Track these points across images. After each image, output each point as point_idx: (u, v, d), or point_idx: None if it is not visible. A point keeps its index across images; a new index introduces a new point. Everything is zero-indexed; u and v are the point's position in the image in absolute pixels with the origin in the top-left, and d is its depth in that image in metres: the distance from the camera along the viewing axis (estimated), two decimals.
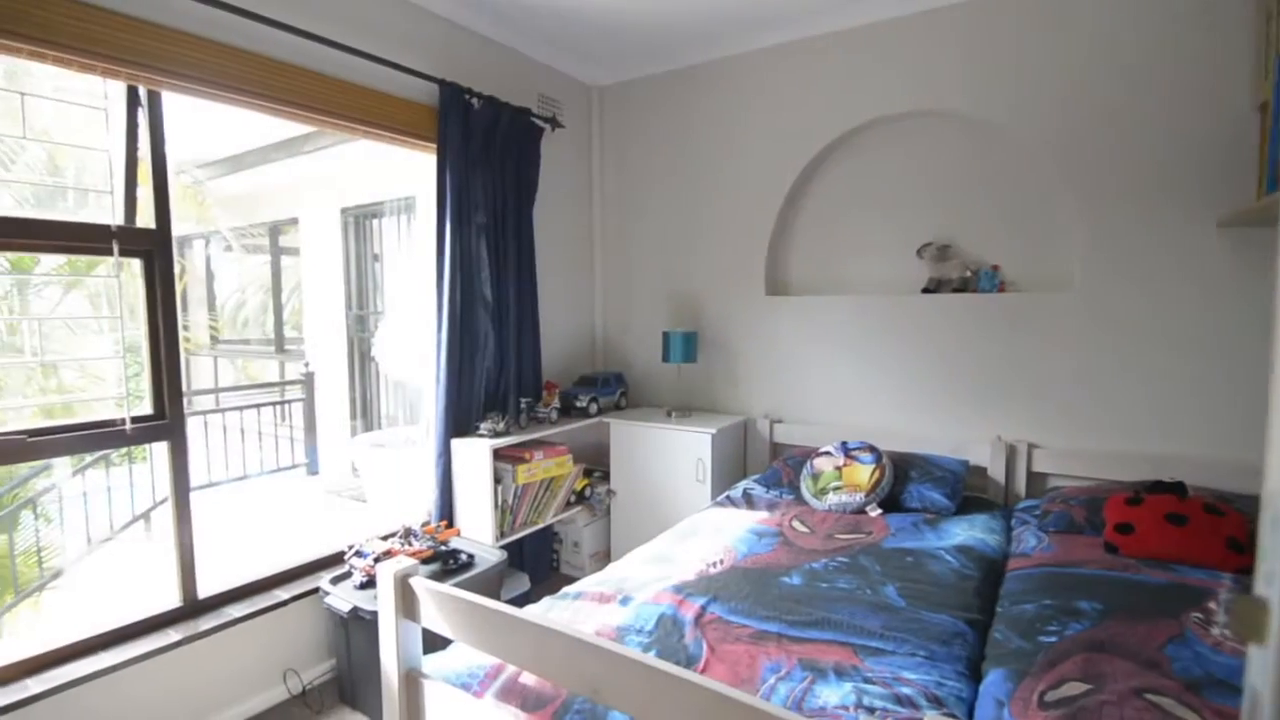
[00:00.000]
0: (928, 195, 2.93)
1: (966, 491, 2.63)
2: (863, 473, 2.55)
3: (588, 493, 3.30)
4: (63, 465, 4.08)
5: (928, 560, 2.07)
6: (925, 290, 2.89)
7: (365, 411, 5.10)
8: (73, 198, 4.08)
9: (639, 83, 3.65)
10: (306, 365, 5.49)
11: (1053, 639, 1.56)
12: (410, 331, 4.11)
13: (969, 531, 2.28)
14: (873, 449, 2.64)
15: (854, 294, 3.11)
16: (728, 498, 2.74)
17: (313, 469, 5.44)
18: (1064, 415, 2.63)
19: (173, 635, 2.12)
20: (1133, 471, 2.45)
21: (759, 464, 3.26)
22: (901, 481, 2.60)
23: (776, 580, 1.94)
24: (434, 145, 2.80)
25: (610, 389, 3.47)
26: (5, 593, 3.89)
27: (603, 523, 3.45)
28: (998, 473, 2.72)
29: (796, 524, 2.42)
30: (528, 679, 1.44)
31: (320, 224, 5.32)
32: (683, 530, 2.40)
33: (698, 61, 3.41)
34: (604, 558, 3.45)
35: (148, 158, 2.12)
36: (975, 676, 1.53)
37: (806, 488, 2.64)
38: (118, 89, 2.08)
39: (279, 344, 6.49)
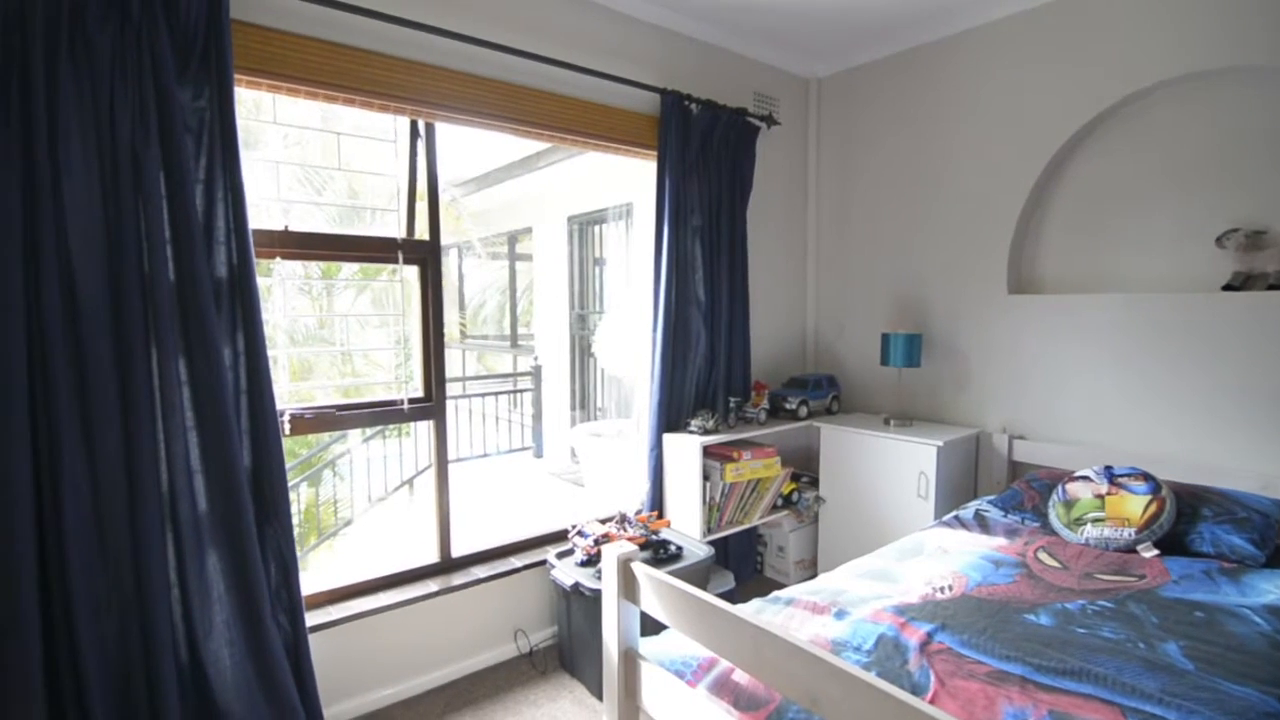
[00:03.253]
0: (1232, 171, 2.39)
1: None
2: (1133, 504, 2.16)
3: (795, 497, 3.22)
4: (354, 435, 4.99)
5: (1225, 619, 1.69)
6: (1228, 287, 2.35)
7: (584, 403, 5.51)
8: (367, 216, 4.97)
9: (860, 70, 3.46)
10: (535, 359, 6.08)
11: None
12: (627, 330, 4.35)
13: None
14: (1148, 477, 2.22)
15: (1126, 291, 2.64)
16: (956, 518, 2.49)
17: (538, 452, 6.02)
18: None
19: (431, 586, 2.47)
20: None
21: (992, 483, 2.92)
22: (1188, 520, 2.15)
23: (1019, 617, 1.72)
24: (654, 152, 2.92)
25: (822, 392, 3.34)
26: (311, 534, 4.86)
27: (809, 530, 3.34)
28: None
29: (1043, 556, 2.12)
30: (740, 677, 1.44)
31: (550, 232, 5.86)
32: (904, 548, 2.23)
33: (928, 40, 3.14)
34: (809, 565, 3.34)
35: (423, 180, 2.50)
36: None
37: (1056, 516, 2.30)
38: (403, 123, 2.47)
39: (513, 339, 7.28)
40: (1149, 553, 2.09)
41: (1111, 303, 2.62)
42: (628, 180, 4.41)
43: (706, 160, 3.02)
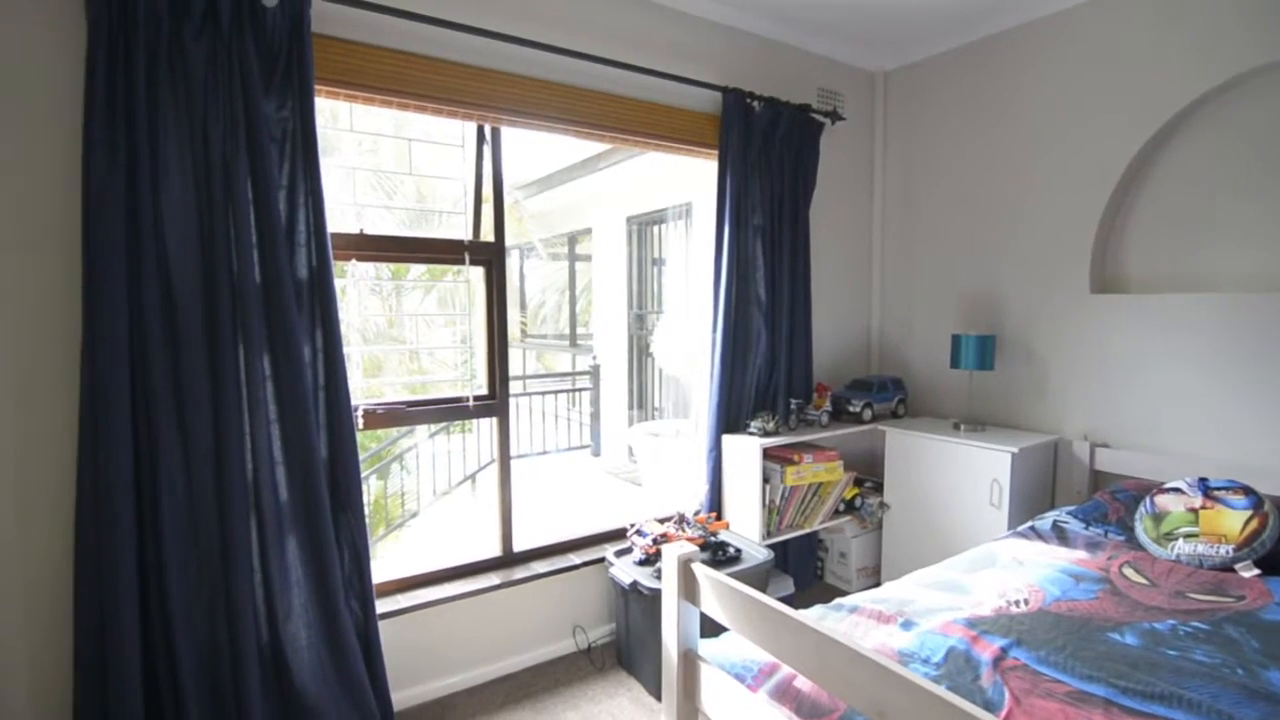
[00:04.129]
0: None
1: None
2: (1231, 520, 2.00)
3: (858, 503, 3.14)
4: (420, 430, 5.16)
5: None
6: None
7: (642, 402, 5.53)
8: (435, 219, 5.14)
9: (929, 63, 3.34)
10: (594, 358, 6.14)
11: None
12: (685, 330, 4.34)
13: None
14: (1248, 491, 2.05)
15: (1224, 291, 2.45)
16: (1032, 528, 2.37)
17: (595, 451, 6.08)
18: None
19: (493, 579, 2.53)
20: None
21: (1072, 493, 2.77)
22: None
23: (1102, 635, 1.62)
24: (715, 152, 2.90)
25: (887, 395, 3.24)
26: (380, 525, 5.05)
27: (873, 536, 3.25)
28: None
29: (1129, 572, 1.99)
30: (803, 684, 1.41)
31: (609, 232, 5.90)
32: (975, 558, 2.14)
33: (1000, 29, 3.00)
34: (872, 573, 3.25)
35: (489, 183, 2.56)
36: None
37: (1144, 530, 2.16)
38: (470, 128, 2.53)
39: (572, 339, 7.38)
40: (1249, 572, 1.94)
41: (1206, 303, 2.44)
42: (687, 180, 4.40)
43: (769, 158, 2.98)
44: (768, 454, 2.84)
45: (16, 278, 1.70)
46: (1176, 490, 2.18)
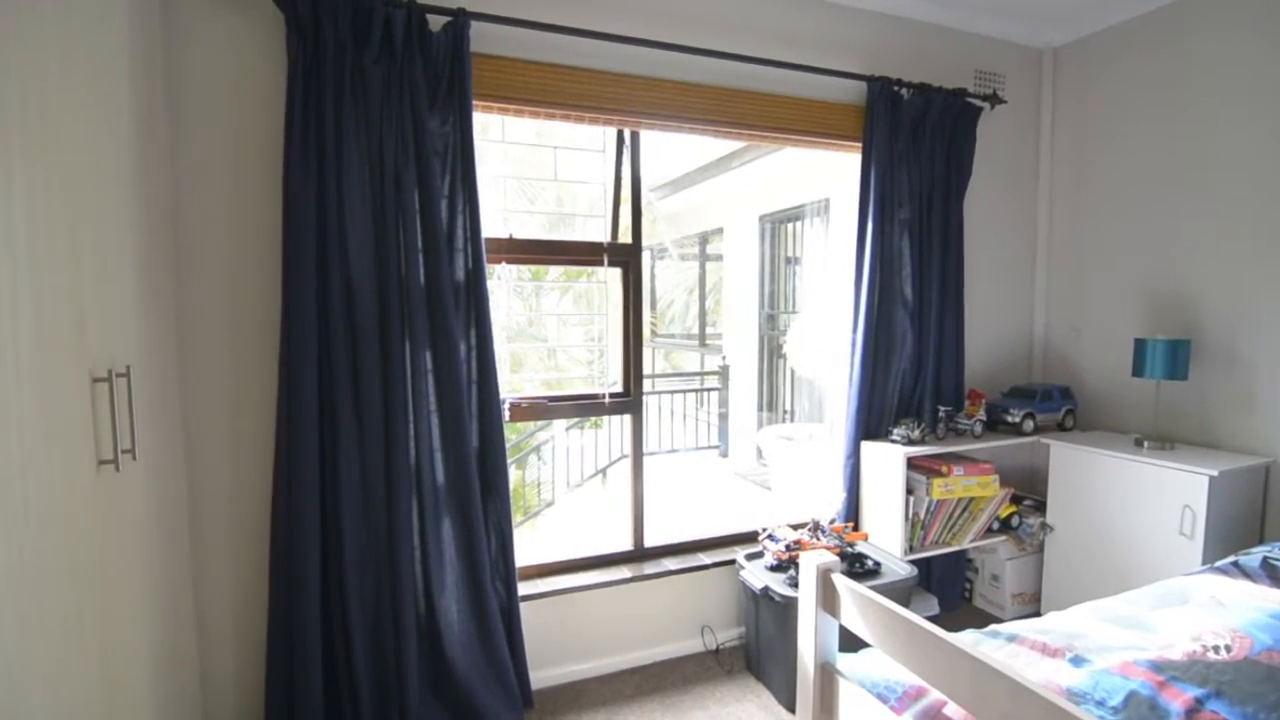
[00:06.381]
0: None
1: None
2: None
3: (1015, 522, 2.87)
4: (557, 424, 5.40)
5: None
6: None
7: (772, 404, 5.42)
8: (573, 222, 5.35)
9: (1105, 34, 2.98)
10: (724, 359, 6.11)
11: None
12: (821, 330, 4.19)
13: None
14: None
15: None
16: (1235, 564, 2.04)
17: (723, 452, 6.05)
18: None
19: (625, 572, 2.59)
20: None
21: None
22: None
23: None
24: (859, 144, 2.77)
25: (1052, 404, 2.93)
26: (518, 513, 5.35)
27: (1032, 560, 2.95)
28: None
29: None
30: (953, 712, 1.31)
31: (741, 231, 5.84)
32: (1161, 594, 1.88)
33: None
34: (1030, 600, 2.96)
35: (626, 186, 2.62)
36: None
37: None
38: (610, 133, 2.61)
39: (700, 339, 7.38)
40: None
41: None
42: (826, 175, 4.25)
43: (918, 148, 2.80)
44: (912, 464, 2.67)
45: (230, 281, 1.99)
46: None
